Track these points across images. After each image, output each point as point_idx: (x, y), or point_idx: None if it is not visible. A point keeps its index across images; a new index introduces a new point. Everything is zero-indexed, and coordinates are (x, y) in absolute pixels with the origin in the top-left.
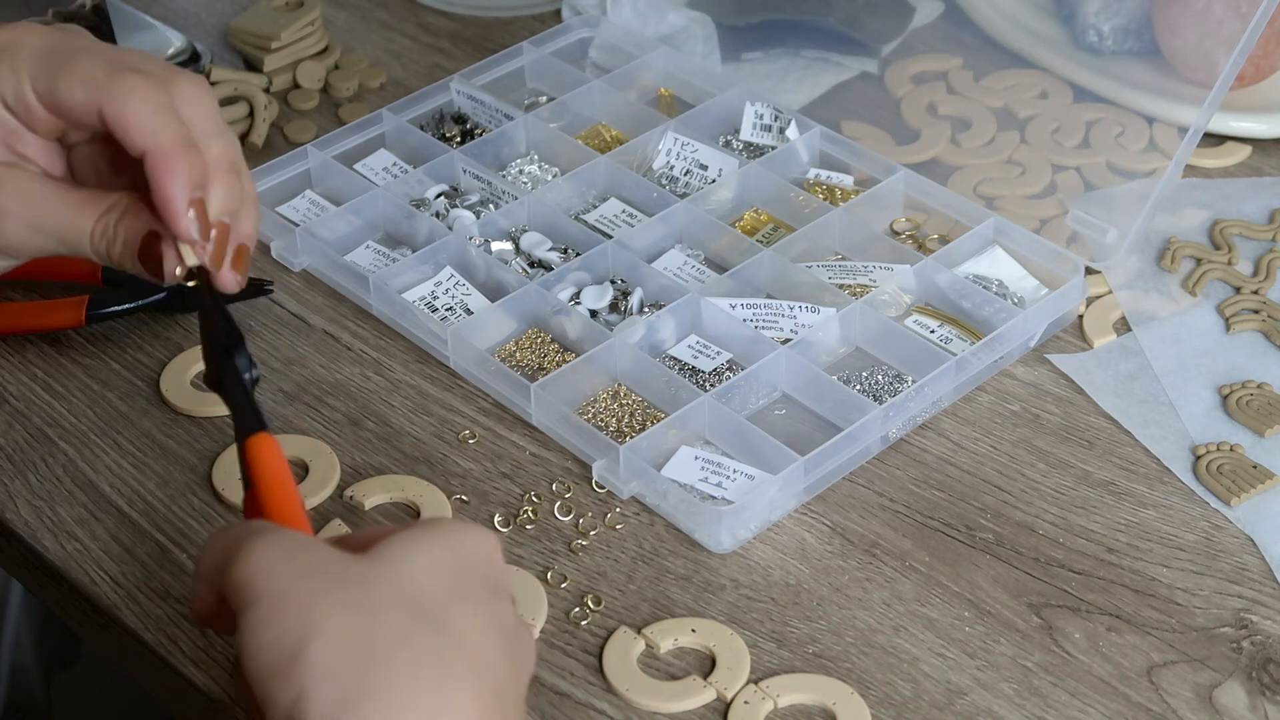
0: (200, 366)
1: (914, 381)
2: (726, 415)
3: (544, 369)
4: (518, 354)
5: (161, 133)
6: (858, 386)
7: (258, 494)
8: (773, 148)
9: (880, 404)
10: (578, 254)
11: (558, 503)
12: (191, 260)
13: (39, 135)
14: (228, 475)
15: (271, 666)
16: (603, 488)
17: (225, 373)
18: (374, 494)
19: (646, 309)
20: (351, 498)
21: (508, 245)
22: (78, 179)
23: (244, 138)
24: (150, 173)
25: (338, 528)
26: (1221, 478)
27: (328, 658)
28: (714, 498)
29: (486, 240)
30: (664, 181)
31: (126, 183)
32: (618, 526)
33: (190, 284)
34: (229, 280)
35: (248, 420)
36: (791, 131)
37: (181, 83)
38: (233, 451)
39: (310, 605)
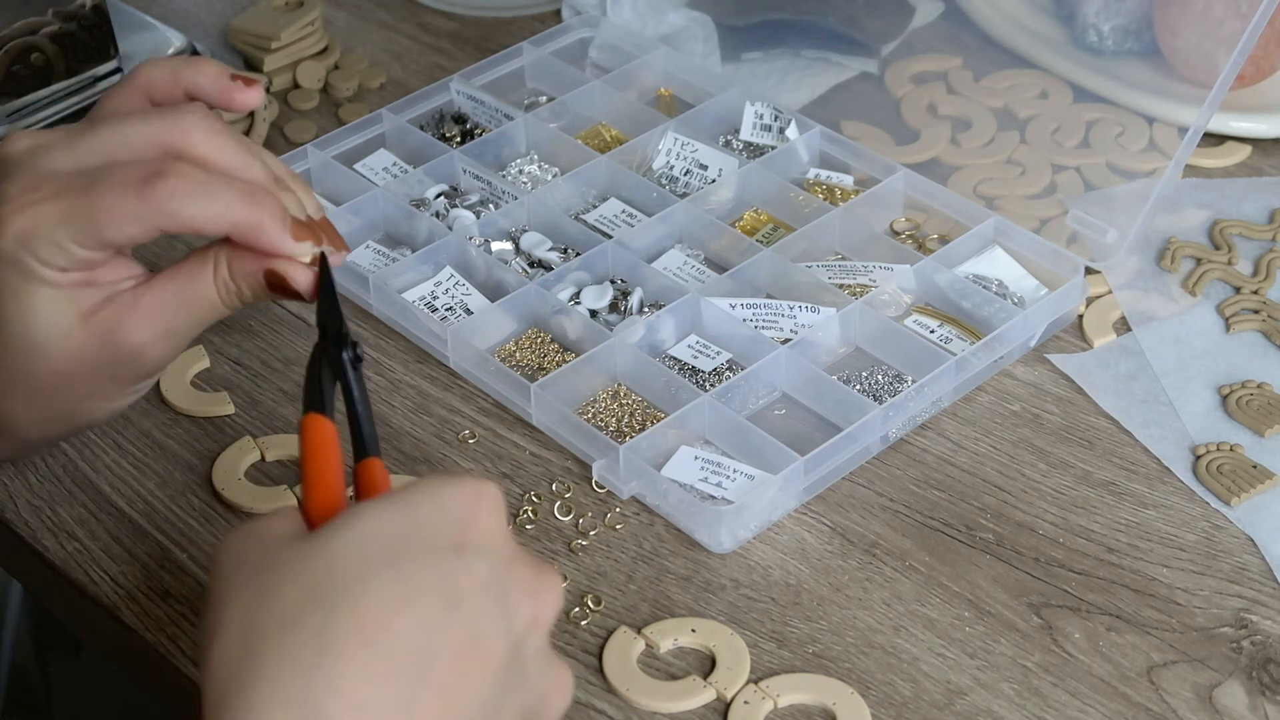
0: (200, 366)
1: (914, 381)
2: (726, 415)
3: (544, 369)
4: (518, 354)
5: (227, 211)
6: (858, 386)
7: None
8: (773, 148)
9: (880, 404)
10: (578, 254)
11: (558, 503)
12: (308, 257)
13: (110, 265)
14: (228, 475)
15: (197, 661)
16: (603, 488)
17: (319, 354)
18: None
19: (646, 309)
20: (352, 497)
21: (508, 245)
22: None
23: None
24: (245, 243)
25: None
26: (1221, 478)
27: (219, 647)
28: (714, 498)
29: (486, 240)
30: (664, 181)
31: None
32: (618, 526)
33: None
34: (339, 256)
35: (306, 401)
36: (791, 131)
37: (193, 136)
38: (233, 451)
39: (223, 594)
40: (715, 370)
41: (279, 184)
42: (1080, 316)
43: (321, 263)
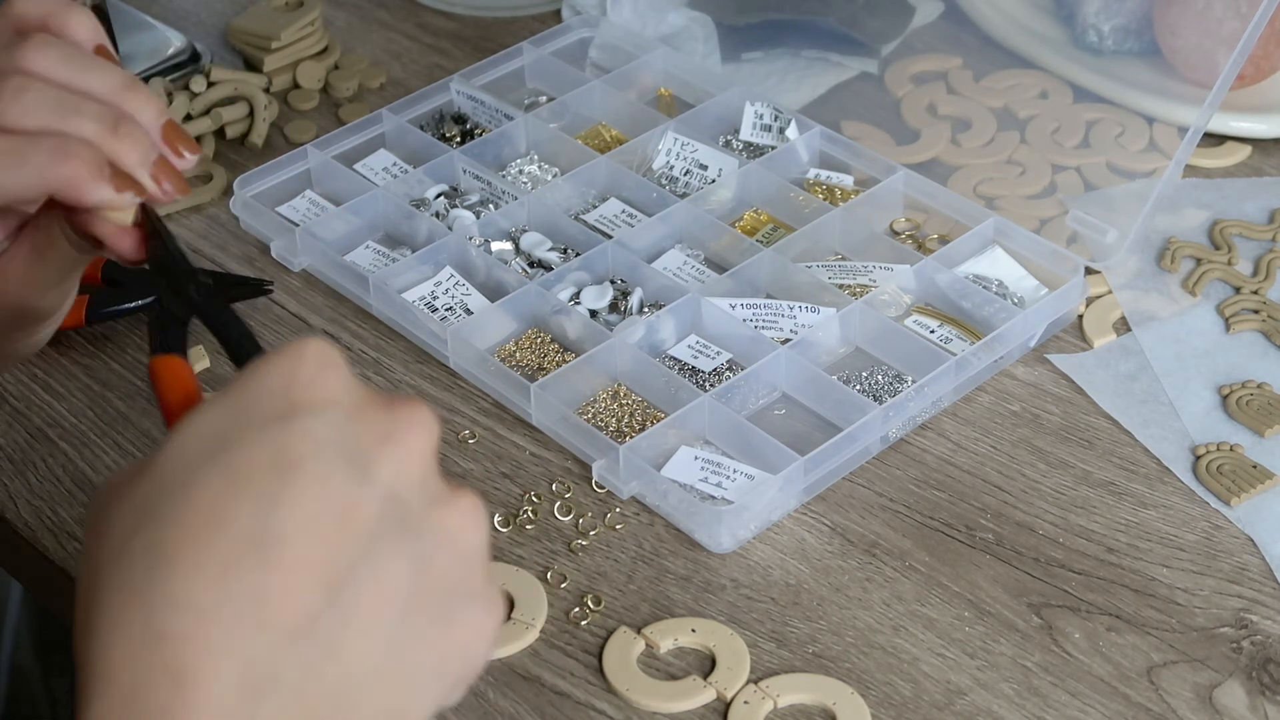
0: (200, 366)
1: (914, 381)
2: (726, 415)
3: (544, 369)
4: (518, 354)
5: (39, 176)
6: (858, 386)
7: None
8: (773, 148)
9: (880, 404)
10: (578, 254)
11: (558, 503)
12: (125, 218)
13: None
14: None
15: None
16: (603, 488)
17: (157, 304)
18: None
19: (646, 309)
20: None
21: (508, 245)
22: None
23: (244, 138)
24: (66, 203)
25: None
26: (1221, 478)
27: (79, 594)
28: (714, 498)
29: (486, 240)
30: (664, 181)
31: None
32: (618, 526)
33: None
34: (159, 198)
35: (151, 348)
36: (791, 131)
37: (31, 59)
38: None
39: (86, 541)
40: (715, 370)
41: (116, 131)
42: (1080, 316)
43: (146, 212)
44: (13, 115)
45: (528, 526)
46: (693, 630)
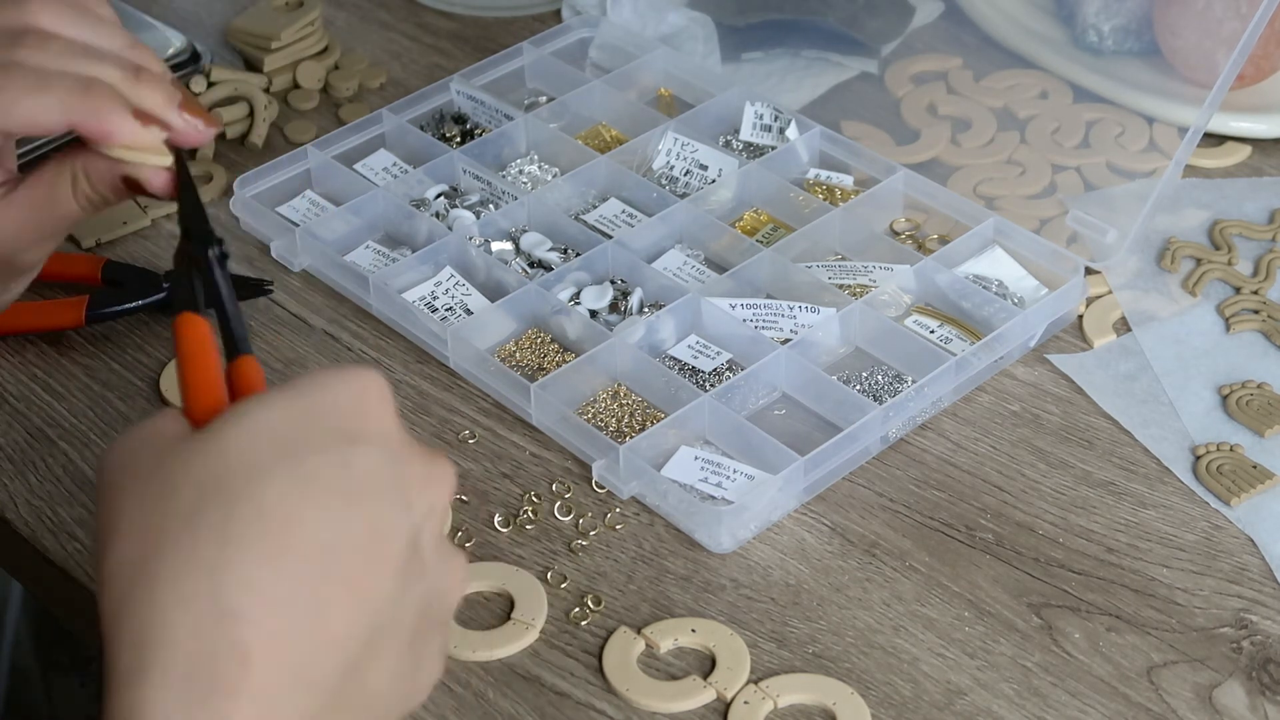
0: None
1: (914, 381)
2: (726, 415)
3: (544, 369)
4: (518, 354)
5: (62, 106)
6: (858, 386)
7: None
8: (773, 148)
9: (880, 404)
10: (578, 254)
11: (558, 503)
12: (163, 160)
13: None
14: None
15: (91, 565)
16: (603, 488)
17: (185, 255)
18: None
19: (646, 309)
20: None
21: (508, 245)
22: None
23: (244, 138)
24: (87, 137)
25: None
26: (1221, 478)
27: (115, 553)
28: (714, 498)
29: (486, 240)
30: (664, 181)
31: None
32: (618, 526)
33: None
34: (192, 134)
35: (178, 303)
36: (791, 131)
37: (41, 16)
38: None
39: (111, 502)
40: (715, 370)
41: (138, 78)
42: (1080, 316)
43: (179, 162)
44: (36, 59)
45: (528, 526)
46: (693, 630)
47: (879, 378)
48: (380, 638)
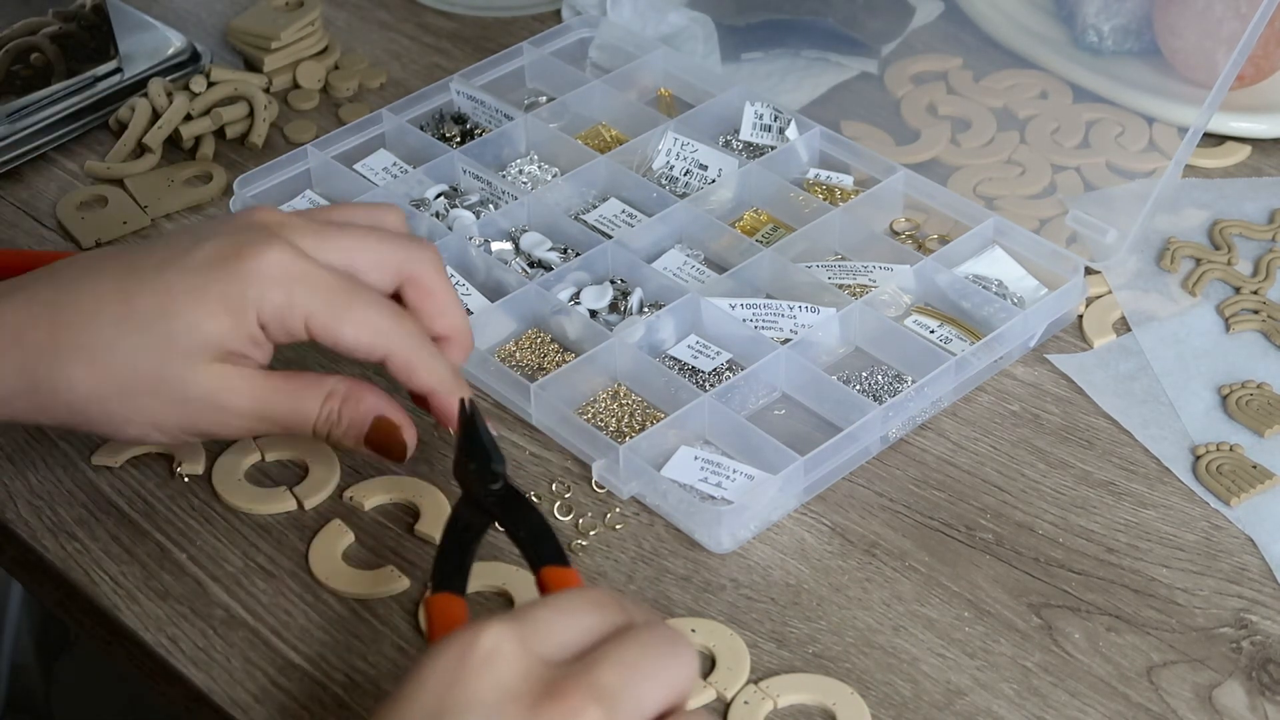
0: None
1: (914, 381)
2: (726, 415)
3: (544, 369)
4: (518, 354)
5: (446, 377)
6: (858, 386)
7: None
8: (773, 148)
9: (880, 404)
10: (578, 254)
11: (558, 503)
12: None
13: (274, 345)
14: (228, 476)
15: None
16: (602, 488)
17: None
18: (374, 495)
19: (646, 309)
20: (351, 499)
21: (508, 245)
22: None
23: (244, 138)
24: (434, 407)
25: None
26: (1221, 478)
27: None
28: (714, 498)
29: (486, 240)
30: (664, 181)
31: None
32: (618, 526)
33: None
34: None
35: (437, 578)
36: (791, 131)
37: (427, 269)
38: (232, 452)
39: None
40: (715, 370)
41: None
42: (1080, 317)
43: (465, 411)
44: (431, 285)
45: None
46: (693, 630)
47: (879, 378)
48: None
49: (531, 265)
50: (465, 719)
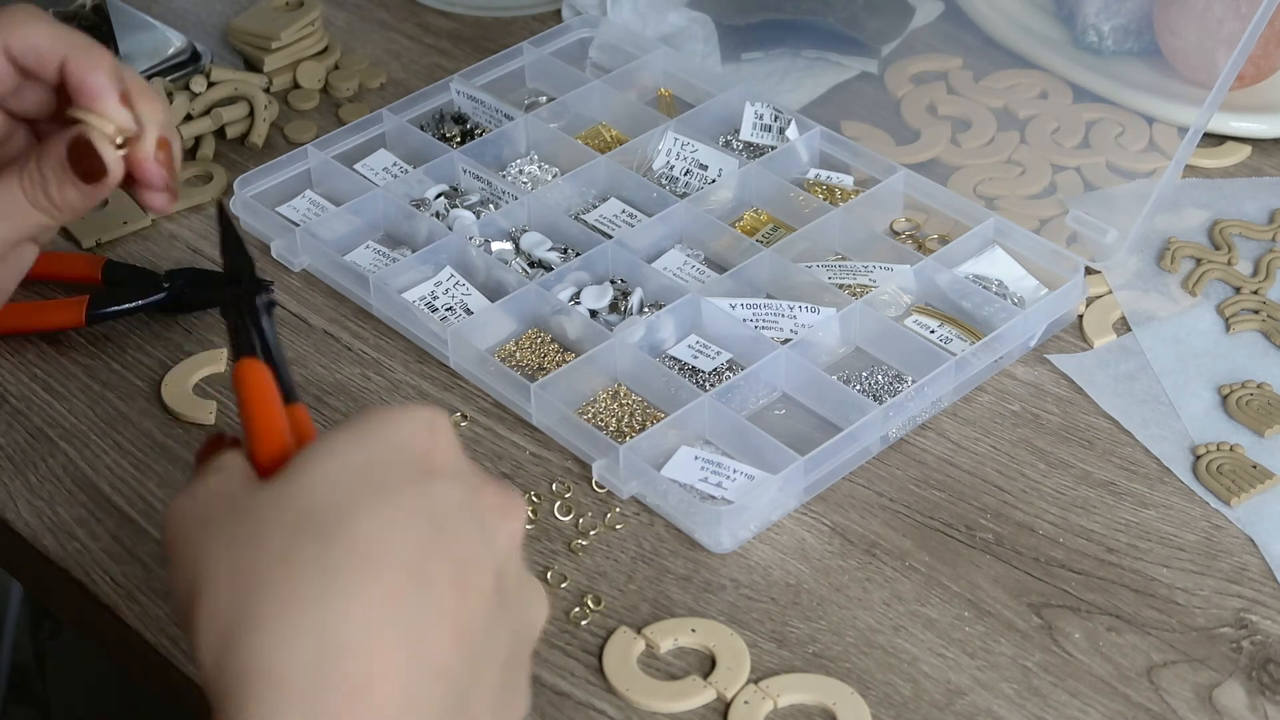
0: (210, 370)
1: (914, 381)
2: (726, 415)
3: (544, 369)
4: (518, 354)
5: (66, 47)
6: (858, 386)
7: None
8: (773, 148)
9: (880, 404)
10: (578, 254)
11: (557, 503)
12: (110, 145)
13: None
14: None
15: (181, 619)
16: (603, 488)
17: (230, 300)
18: None
19: (646, 309)
20: None
21: (508, 245)
22: None
23: (244, 138)
24: (73, 86)
25: None
26: (1221, 478)
27: (209, 601)
28: (714, 498)
29: (486, 240)
30: (664, 181)
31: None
32: (618, 526)
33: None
34: (155, 179)
35: (238, 347)
36: (791, 131)
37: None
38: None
39: (197, 554)
40: (715, 370)
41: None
42: (1080, 316)
43: (220, 208)
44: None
45: (528, 526)
46: (693, 630)
47: (879, 378)
48: (479, 666)
49: (532, 265)
50: (457, 482)
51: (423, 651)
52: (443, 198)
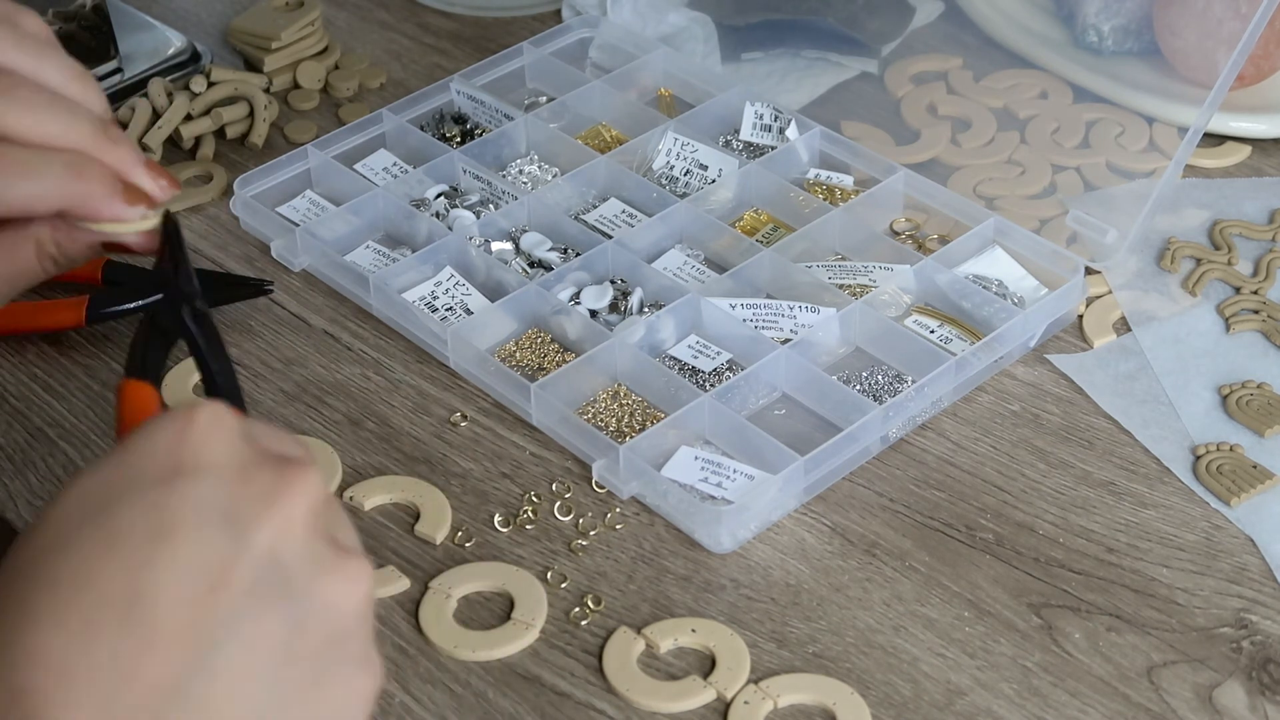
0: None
1: (914, 381)
2: (726, 415)
3: (544, 369)
4: (518, 354)
5: (57, 188)
6: (858, 386)
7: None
8: (773, 148)
9: (880, 404)
10: (578, 254)
11: (557, 503)
12: (146, 225)
13: None
14: None
15: None
16: (603, 488)
17: (149, 316)
18: (374, 495)
19: (646, 309)
20: (352, 499)
21: (508, 245)
22: None
23: (244, 138)
24: (77, 216)
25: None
26: (1221, 478)
27: None
28: (714, 498)
29: (486, 240)
30: (664, 181)
31: None
32: (618, 526)
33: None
34: (159, 195)
35: (127, 367)
36: (791, 131)
37: (9, 117)
38: None
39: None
40: (715, 370)
41: (109, 137)
42: (1080, 317)
43: (168, 221)
44: (13, 119)
45: (528, 526)
46: (693, 630)
47: (879, 378)
48: (228, 673)
49: (531, 265)
50: (204, 478)
51: (127, 677)
52: (443, 198)
